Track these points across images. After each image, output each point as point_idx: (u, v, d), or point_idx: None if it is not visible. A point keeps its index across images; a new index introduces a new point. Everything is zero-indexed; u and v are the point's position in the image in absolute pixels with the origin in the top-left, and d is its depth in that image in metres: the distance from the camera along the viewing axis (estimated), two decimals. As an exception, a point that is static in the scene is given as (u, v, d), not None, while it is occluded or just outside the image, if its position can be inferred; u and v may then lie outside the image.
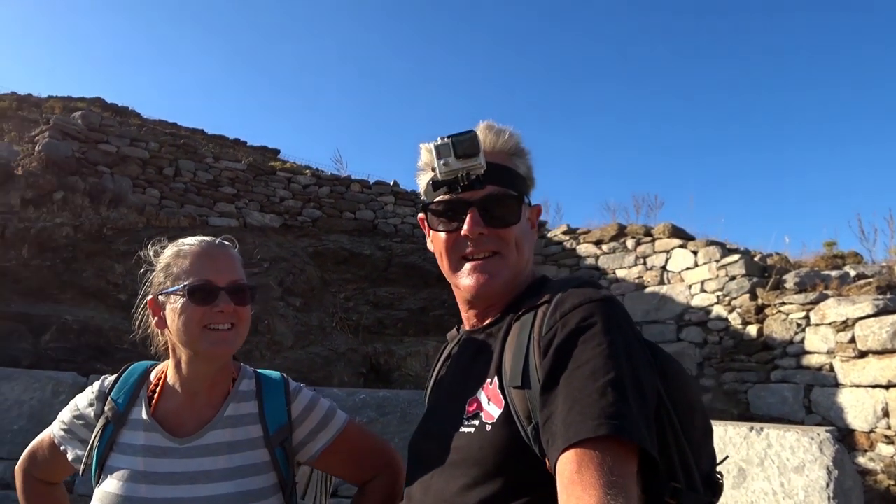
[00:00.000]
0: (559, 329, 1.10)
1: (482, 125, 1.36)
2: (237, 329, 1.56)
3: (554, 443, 0.99)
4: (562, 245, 10.90)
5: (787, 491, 3.92)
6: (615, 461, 0.93)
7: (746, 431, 4.24)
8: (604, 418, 0.95)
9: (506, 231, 1.30)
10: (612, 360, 1.02)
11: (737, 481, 4.16)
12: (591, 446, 0.94)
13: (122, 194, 9.59)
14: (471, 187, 1.29)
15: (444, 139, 1.28)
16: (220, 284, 1.54)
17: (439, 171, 1.29)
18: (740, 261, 8.40)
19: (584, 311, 1.10)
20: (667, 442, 1.05)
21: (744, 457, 4.18)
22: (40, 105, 13.65)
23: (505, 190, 1.30)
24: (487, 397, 1.19)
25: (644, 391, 1.03)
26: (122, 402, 1.58)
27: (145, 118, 14.93)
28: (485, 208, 1.29)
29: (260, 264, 9.38)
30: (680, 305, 9.02)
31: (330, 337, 9.01)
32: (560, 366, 1.06)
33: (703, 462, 1.16)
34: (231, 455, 1.52)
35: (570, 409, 0.99)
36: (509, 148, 1.35)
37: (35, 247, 7.92)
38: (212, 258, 1.58)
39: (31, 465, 1.73)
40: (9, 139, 10.66)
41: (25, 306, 7.10)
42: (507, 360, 1.18)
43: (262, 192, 11.04)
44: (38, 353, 6.37)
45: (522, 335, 1.18)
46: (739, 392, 7.83)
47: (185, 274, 1.54)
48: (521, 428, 1.10)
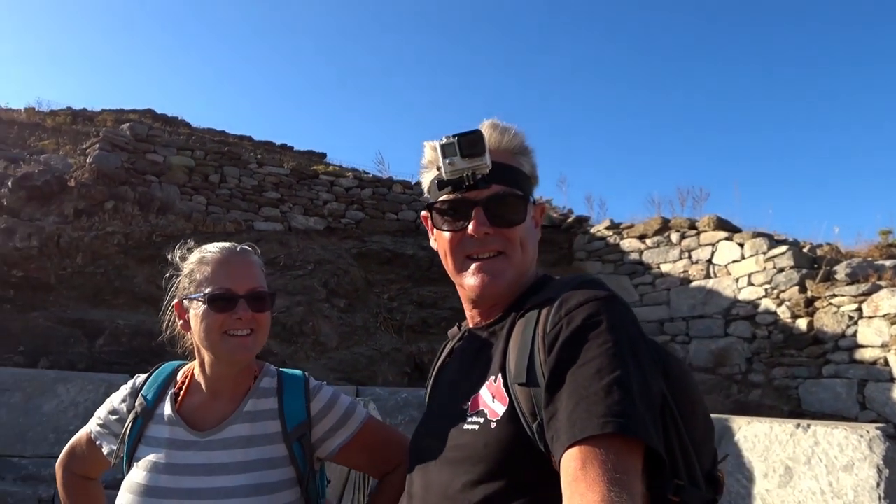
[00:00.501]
0: (564, 326, 1.10)
1: (487, 123, 1.36)
2: (256, 334, 1.62)
3: (558, 440, 1.00)
4: (605, 241, 10.78)
5: (835, 490, 3.81)
6: (620, 458, 0.94)
7: (793, 429, 4.14)
8: (609, 416, 0.96)
9: (511, 231, 1.31)
10: (618, 358, 1.03)
11: (783, 480, 4.06)
12: (595, 443, 0.95)
13: (170, 202, 9.85)
14: (476, 186, 1.28)
15: (449, 138, 1.27)
16: (239, 292, 1.60)
17: (444, 171, 1.29)
18: (788, 252, 8.19)
19: (589, 309, 1.11)
20: (670, 439, 1.05)
21: (790, 455, 4.08)
22: (93, 119, 14.09)
23: (510, 189, 1.31)
24: (491, 394, 1.19)
25: (649, 389, 1.03)
26: (151, 398, 1.68)
27: (194, 127, 15.28)
28: (490, 208, 1.29)
29: (304, 267, 9.52)
30: (727, 299, 8.84)
31: (374, 337, 9.09)
32: (565, 363, 1.06)
33: (704, 459, 1.16)
34: (248, 449, 1.58)
35: (576, 406, 1.00)
36: (514, 147, 1.35)
37: (88, 255, 8.20)
38: (232, 266, 1.64)
39: (71, 461, 1.83)
40: (63, 152, 11.06)
41: (81, 312, 7.37)
42: (512, 357, 1.19)
43: (305, 196, 11.19)
44: (92, 357, 6.61)
45: (527, 332, 1.18)
46: (790, 388, 7.63)
47: (207, 281, 1.61)
48: (526, 425, 1.10)
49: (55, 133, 12.68)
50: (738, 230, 9.16)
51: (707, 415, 1.23)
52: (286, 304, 8.56)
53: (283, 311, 8.43)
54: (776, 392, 7.71)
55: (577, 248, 11.21)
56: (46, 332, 6.67)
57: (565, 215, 12.08)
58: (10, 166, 9.73)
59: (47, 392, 5.32)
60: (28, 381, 5.35)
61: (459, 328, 1.51)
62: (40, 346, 6.50)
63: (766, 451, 4.22)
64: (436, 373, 1.51)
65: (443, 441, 1.24)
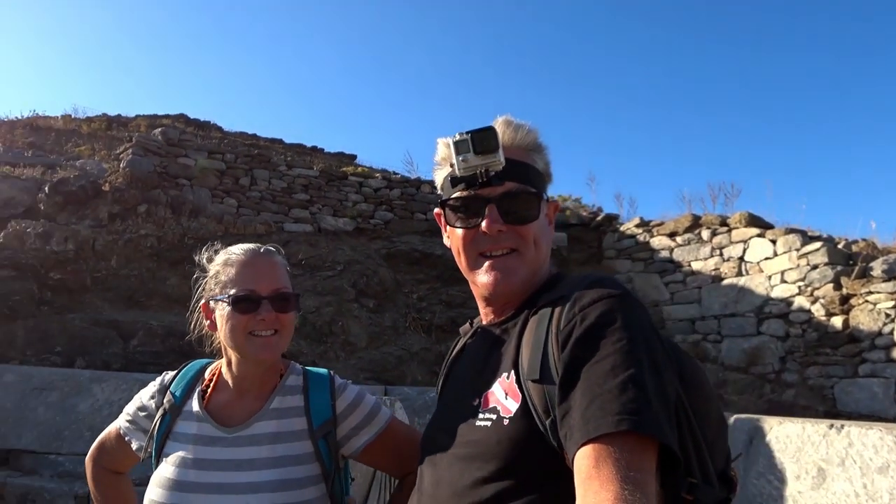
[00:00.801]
0: (578, 323, 1.10)
1: (500, 120, 1.36)
2: (280, 334, 1.65)
3: (572, 437, 1.00)
4: (635, 238, 10.68)
5: (870, 493, 3.72)
6: (634, 456, 0.93)
7: (826, 429, 4.05)
8: (624, 414, 0.95)
9: (524, 228, 1.30)
10: (632, 356, 1.02)
11: (816, 482, 3.98)
12: (610, 441, 0.94)
13: (202, 205, 10.01)
14: (489, 183, 1.28)
15: (462, 135, 1.27)
16: (263, 294, 1.62)
17: (458, 168, 1.28)
18: (822, 248, 8.03)
19: (604, 306, 1.10)
20: (683, 437, 1.04)
21: (823, 456, 4.00)
22: (127, 124, 14.35)
23: (524, 186, 1.30)
24: (504, 391, 1.19)
25: (664, 387, 1.03)
26: (180, 395, 1.71)
27: (226, 131, 15.47)
28: (503, 205, 1.29)
29: (334, 267, 9.60)
30: (759, 297, 8.69)
31: (403, 337, 9.12)
32: (579, 360, 1.06)
33: (718, 458, 1.16)
34: (274, 445, 1.61)
35: (590, 403, 0.99)
36: (527, 144, 1.35)
37: (123, 258, 8.37)
38: (255, 268, 1.66)
39: (100, 455, 1.87)
40: (99, 158, 11.30)
41: (115, 313, 7.52)
42: (525, 354, 1.18)
43: (334, 198, 11.27)
44: (127, 357, 6.74)
45: (540, 329, 1.17)
46: (825, 388, 7.49)
47: (231, 283, 1.64)
48: (539, 422, 1.10)
49: (91, 139, 12.96)
50: (770, 226, 9.01)
51: (720, 413, 1.22)
52: (316, 304, 8.64)
53: (312, 311, 8.51)
54: (811, 392, 7.57)
55: (607, 247, 11.12)
56: (82, 333, 6.82)
57: (594, 213, 11.99)
58: (47, 172, 9.97)
59: (83, 391, 5.45)
60: (64, 381, 5.49)
61: (471, 325, 1.51)
62: (77, 346, 6.65)
63: (798, 452, 4.15)
64: (447, 369, 1.51)
65: (454, 437, 1.24)
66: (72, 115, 14.85)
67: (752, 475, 4.41)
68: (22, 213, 8.80)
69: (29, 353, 6.40)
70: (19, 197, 9.01)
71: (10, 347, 6.40)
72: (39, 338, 6.60)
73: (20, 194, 9.05)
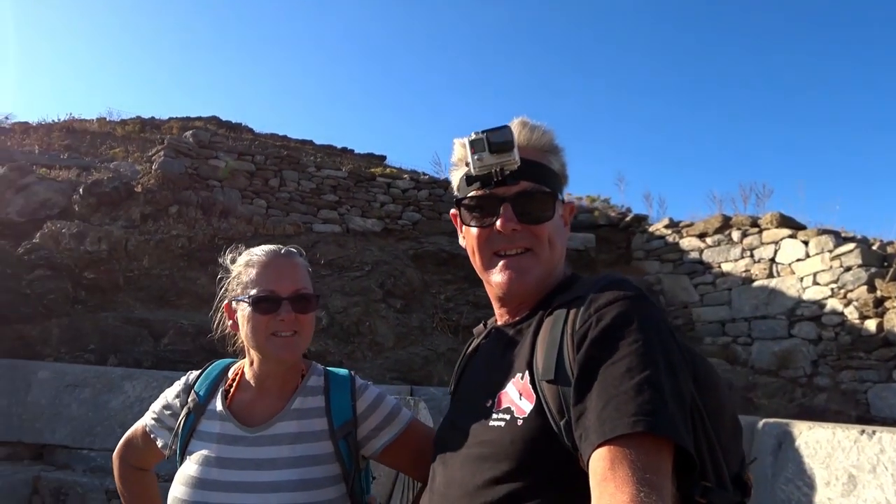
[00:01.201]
0: (594, 324, 1.09)
1: (516, 121, 1.35)
2: (300, 335, 1.66)
3: (587, 438, 0.99)
4: (664, 239, 10.57)
5: (902, 500, 3.65)
6: (650, 458, 0.93)
7: (857, 435, 3.98)
8: (640, 415, 0.95)
9: (539, 228, 1.30)
10: (648, 357, 1.02)
11: (846, 489, 3.91)
12: (625, 443, 0.93)
13: (232, 206, 10.14)
14: (504, 183, 1.28)
15: (478, 134, 1.27)
16: (283, 294, 1.64)
17: (473, 166, 1.29)
18: (856, 250, 7.87)
19: (620, 307, 1.10)
20: (698, 440, 1.03)
21: (854, 462, 3.92)
22: (160, 127, 14.60)
23: (539, 186, 1.30)
24: (518, 392, 1.18)
25: (680, 389, 1.02)
26: (204, 394, 1.74)
27: (257, 132, 15.66)
28: (518, 204, 1.29)
29: (362, 268, 9.66)
30: (791, 299, 8.55)
31: (430, 337, 9.14)
32: (595, 361, 1.05)
33: (732, 461, 1.14)
34: (294, 445, 1.62)
35: (605, 405, 0.99)
36: (543, 144, 1.34)
37: (154, 258, 8.52)
38: (276, 269, 1.68)
39: (126, 452, 1.91)
40: (132, 160, 11.52)
41: (146, 312, 7.65)
42: (539, 354, 1.18)
43: (362, 198, 11.34)
44: (157, 356, 6.85)
45: (555, 330, 1.17)
46: (858, 392, 7.33)
47: (252, 284, 1.66)
48: (553, 422, 1.09)
49: (124, 141, 13.21)
50: (802, 227, 8.85)
51: (735, 416, 1.21)
52: (343, 304, 8.70)
53: (340, 311, 8.57)
54: (843, 396, 7.42)
55: (636, 248, 11.03)
56: (115, 331, 6.95)
57: (623, 214, 11.90)
58: (82, 174, 10.19)
59: (115, 388, 5.56)
60: (97, 378, 5.61)
61: (485, 325, 1.51)
62: (109, 344, 6.78)
63: (828, 458, 4.07)
64: (461, 369, 1.51)
65: (467, 437, 1.24)
66: (106, 118, 15.17)
67: (780, 481, 4.34)
68: (57, 213, 9.00)
69: (63, 351, 6.54)
70: (55, 198, 9.22)
71: (46, 345, 6.55)
72: (73, 336, 6.75)
73: (56, 196, 9.26)
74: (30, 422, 5.47)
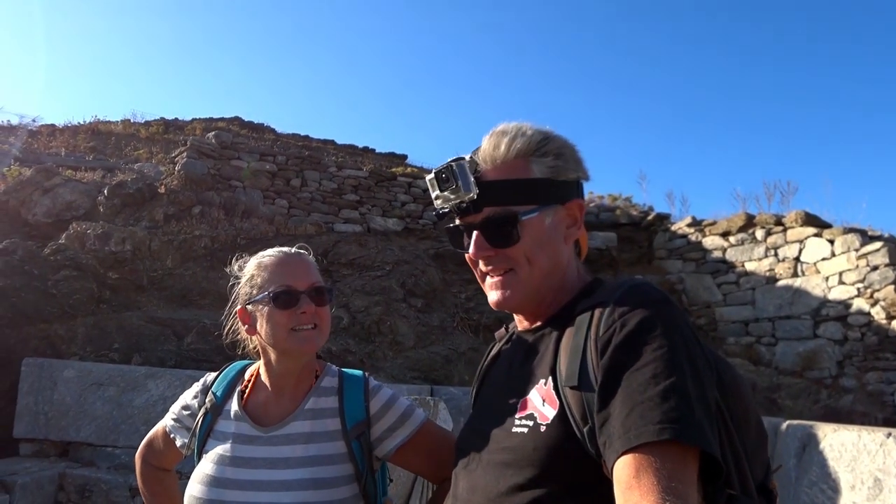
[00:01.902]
0: (618, 329, 1.08)
1: (485, 138, 1.33)
2: (320, 328, 1.70)
3: (611, 445, 0.98)
4: (686, 238, 10.47)
5: (929, 504, 3.59)
6: (675, 466, 0.92)
7: (883, 438, 3.92)
8: (666, 422, 0.93)
9: (510, 250, 1.28)
10: (673, 363, 1.00)
11: (872, 493, 3.85)
12: (650, 451, 0.93)
13: (254, 206, 10.22)
14: (470, 212, 1.29)
15: (432, 174, 1.30)
16: (301, 288, 1.67)
17: (435, 204, 1.32)
18: (883, 249, 7.74)
19: (644, 313, 1.08)
20: (722, 447, 1.01)
21: (880, 466, 3.87)
22: (184, 128, 14.76)
23: (503, 209, 1.27)
24: (542, 398, 1.17)
25: (706, 395, 1.01)
26: (220, 395, 1.78)
27: (279, 133, 15.77)
28: (486, 230, 1.28)
29: (383, 267, 9.68)
30: (816, 299, 8.43)
31: (451, 337, 9.14)
32: (619, 367, 1.04)
33: (757, 469, 1.13)
34: (308, 445, 1.65)
35: (630, 412, 0.97)
36: (516, 153, 1.28)
37: (178, 258, 8.62)
38: (290, 265, 1.72)
39: (148, 452, 1.95)
40: (156, 161, 11.67)
41: (170, 311, 7.74)
42: (563, 360, 1.16)
43: (383, 198, 11.39)
44: (181, 354, 6.93)
45: (578, 336, 1.15)
46: (885, 394, 7.22)
47: (268, 282, 1.69)
48: (577, 429, 1.08)
49: (148, 143, 13.38)
50: (828, 226, 8.72)
51: (760, 422, 1.19)
52: (364, 304, 8.73)
53: (361, 311, 8.60)
54: (869, 398, 7.30)
55: (658, 247, 10.95)
56: (139, 330, 7.04)
57: (645, 213, 11.82)
58: (107, 175, 10.34)
59: (139, 387, 5.64)
60: (121, 377, 5.69)
61: (507, 330, 1.50)
62: (133, 343, 6.86)
63: (853, 461, 4.02)
64: (483, 374, 1.51)
65: (490, 442, 1.23)
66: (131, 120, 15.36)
67: (804, 484, 4.29)
68: (83, 215, 9.14)
69: (88, 350, 6.63)
70: (80, 200, 9.36)
71: (71, 344, 6.65)
72: (98, 335, 6.84)
73: (81, 197, 9.40)
74: (56, 420, 5.56)
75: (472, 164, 1.30)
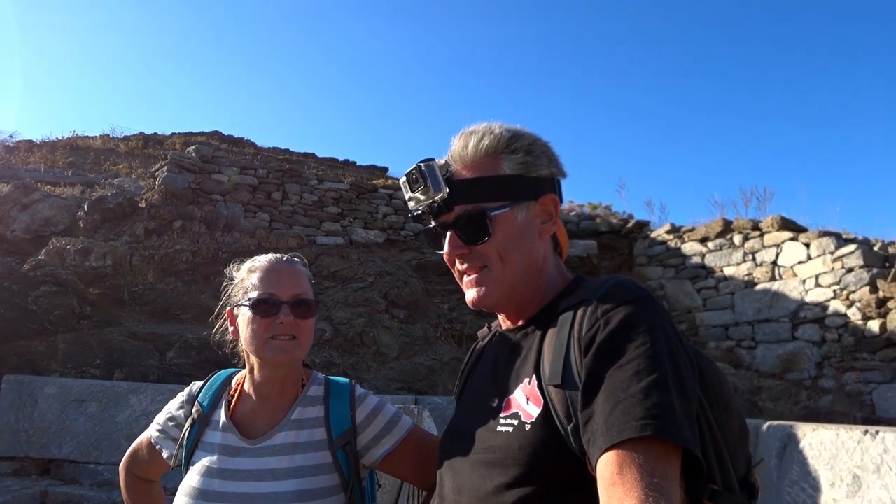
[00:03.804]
0: (601, 327, 1.09)
1: (457, 135, 1.36)
2: (298, 340, 1.67)
3: (595, 442, 0.99)
4: (666, 245, 10.57)
5: (907, 500, 3.64)
6: (658, 463, 0.93)
7: (860, 435, 3.97)
8: (648, 419, 0.94)
9: (482, 247, 1.30)
10: (656, 360, 1.01)
11: (851, 489, 3.90)
12: (633, 447, 0.94)
13: (235, 220, 10.18)
14: (442, 211, 1.31)
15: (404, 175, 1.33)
16: (283, 298, 1.65)
17: (409, 206, 1.35)
18: (857, 251, 7.87)
19: (627, 310, 1.10)
20: (705, 443, 1.03)
21: (858, 463, 3.92)
22: (163, 142, 14.65)
23: (474, 206, 1.29)
24: (526, 396, 1.18)
25: (687, 392, 1.02)
26: (207, 404, 1.75)
27: (260, 146, 15.69)
28: (460, 228, 1.30)
29: (365, 279, 9.68)
30: (794, 302, 8.54)
31: (434, 347, 9.13)
32: (602, 364, 1.05)
33: (739, 464, 1.14)
34: (293, 456, 1.63)
35: (613, 408, 0.98)
36: (485, 151, 1.30)
37: (159, 272, 8.56)
38: (277, 273, 1.70)
39: (132, 464, 1.92)
40: (136, 175, 11.58)
41: (152, 326, 7.68)
42: (546, 359, 1.17)
43: (365, 210, 11.38)
44: (163, 369, 6.88)
45: (562, 334, 1.16)
46: (863, 393, 7.32)
47: (253, 288, 1.68)
48: (561, 427, 1.09)
49: (128, 157, 13.27)
50: (803, 230, 8.86)
51: (742, 418, 1.21)
52: (347, 316, 8.72)
53: (344, 323, 8.59)
54: (848, 398, 7.40)
55: (638, 254, 11.04)
56: (120, 346, 6.98)
57: (625, 220, 11.92)
58: (86, 190, 10.25)
59: (121, 402, 5.60)
60: (103, 393, 5.64)
61: (490, 329, 1.51)
62: (115, 359, 6.81)
63: (832, 459, 4.07)
64: (466, 374, 1.51)
65: (475, 443, 1.23)
66: (110, 135, 15.21)
67: (786, 483, 4.34)
68: (62, 230, 9.06)
69: (69, 366, 6.57)
70: (60, 215, 9.28)
71: (52, 361, 6.58)
72: (79, 351, 6.78)
73: (60, 213, 9.32)
74: (37, 437, 5.50)
75: (444, 166, 1.33)
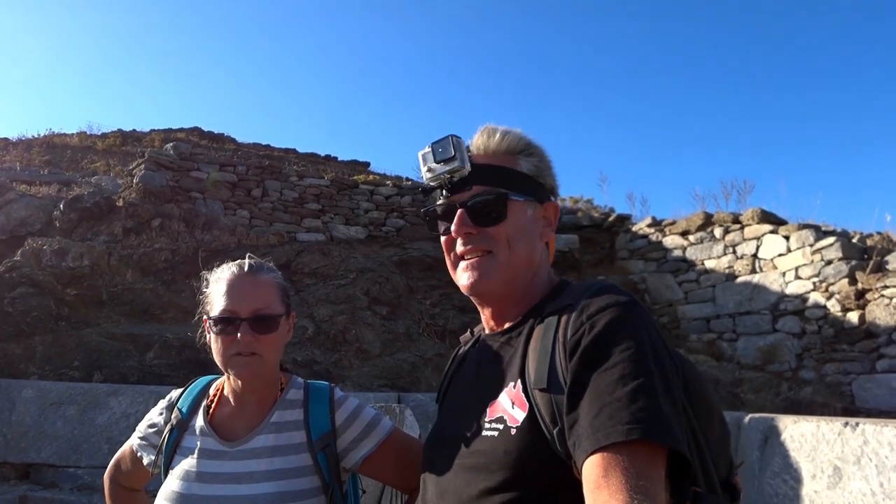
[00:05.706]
0: (586, 331, 1.09)
1: (479, 128, 1.38)
2: (260, 355, 1.66)
3: (580, 446, 0.99)
4: (647, 238, 10.63)
5: (886, 492, 3.68)
6: (643, 465, 0.93)
7: (840, 427, 4.01)
8: (634, 422, 0.95)
9: (494, 229, 1.31)
10: (641, 364, 1.02)
11: (832, 481, 3.94)
12: (619, 450, 0.94)
13: (215, 217, 10.08)
14: (459, 188, 1.32)
15: (427, 147, 1.33)
16: (243, 315, 1.64)
17: (425, 177, 1.34)
18: (836, 243, 7.96)
19: (612, 314, 1.10)
20: (688, 447, 1.03)
21: (839, 455, 3.96)
22: (142, 139, 14.52)
23: (493, 189, 1.31)
24: (511, 401, 1.18)
25: (673, 395, 1.03)
26: (186, 410, 1.76)
27: (240, 143, 15.59)
28: (472, 208, 1.31)
29: (347, 276, 9.63)
30: (774, 294, 8.63)
31: (417, 343, 9.13)
32: (587, 368, 1.05)
33: (721, 466, 1.15)
34: (273, 458, 1.64)
35: (598, 412, 0.99)
36: (506, 148, 1.35)
37: (138, 272, 8.46)
38: (237, 288, 1.69)
39: (116, 473, 1.93)
40: (114, 174, 11.45)
41: (131, 326, 7.59)
42: (531, 362, 1.17)
43: (346, 206, 11.32)
44: (143, 370, 6.80)
45: (547, 338, 1.17)
46: (843, 384, 7.41)
47: (215, 303, 1.68)
48: (547, 431, 1.09)
49: (105, 155, 13.12)
50: (783, 222, 8.94)
51: (723, 420, 1.22)
52: (329, 313, 8.68)
53: (325, 320, 8.56)
54: (828, 389, 7.49)
55: (620, 248, 11.09)
56: (99, 347, 6.89)
57: (606, 214, 11.96)
58: (63, 189, 10.11)
59: (100, 405, 5.53)
60: (82, 395, 5.56)
61: (472, 333, 1.50)
62: (94, 360, 6.72)
63: (813, 451, 4.11)
64: (449, 378, 1.50)
65: (460, 448, 1.23)
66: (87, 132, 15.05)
67: (767, 475, 4.37)
68: (38, 230, 8.93)
69: (47, 369, 6.48)
70: (35, 215, 9.14)
71: (29, 363, 6.49)
72: (57, 353, 6.69)
73: (36, 212, 9.18)
74: (15, 441, 5.42)
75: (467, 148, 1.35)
